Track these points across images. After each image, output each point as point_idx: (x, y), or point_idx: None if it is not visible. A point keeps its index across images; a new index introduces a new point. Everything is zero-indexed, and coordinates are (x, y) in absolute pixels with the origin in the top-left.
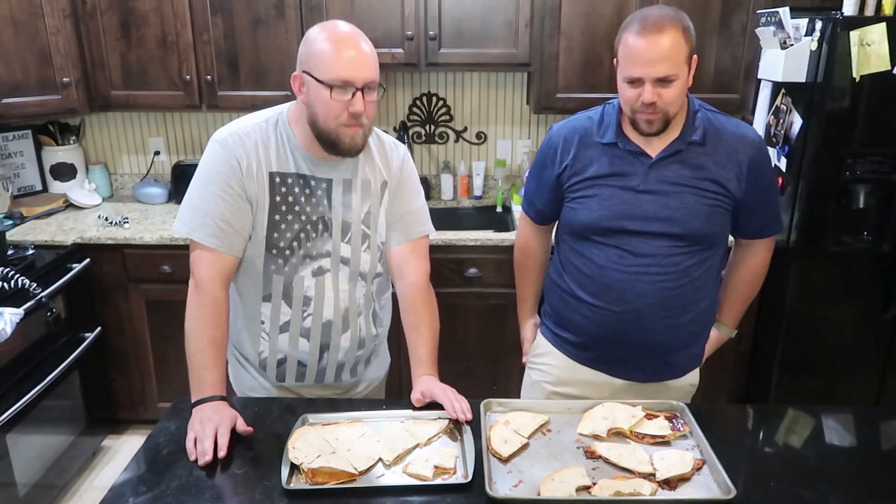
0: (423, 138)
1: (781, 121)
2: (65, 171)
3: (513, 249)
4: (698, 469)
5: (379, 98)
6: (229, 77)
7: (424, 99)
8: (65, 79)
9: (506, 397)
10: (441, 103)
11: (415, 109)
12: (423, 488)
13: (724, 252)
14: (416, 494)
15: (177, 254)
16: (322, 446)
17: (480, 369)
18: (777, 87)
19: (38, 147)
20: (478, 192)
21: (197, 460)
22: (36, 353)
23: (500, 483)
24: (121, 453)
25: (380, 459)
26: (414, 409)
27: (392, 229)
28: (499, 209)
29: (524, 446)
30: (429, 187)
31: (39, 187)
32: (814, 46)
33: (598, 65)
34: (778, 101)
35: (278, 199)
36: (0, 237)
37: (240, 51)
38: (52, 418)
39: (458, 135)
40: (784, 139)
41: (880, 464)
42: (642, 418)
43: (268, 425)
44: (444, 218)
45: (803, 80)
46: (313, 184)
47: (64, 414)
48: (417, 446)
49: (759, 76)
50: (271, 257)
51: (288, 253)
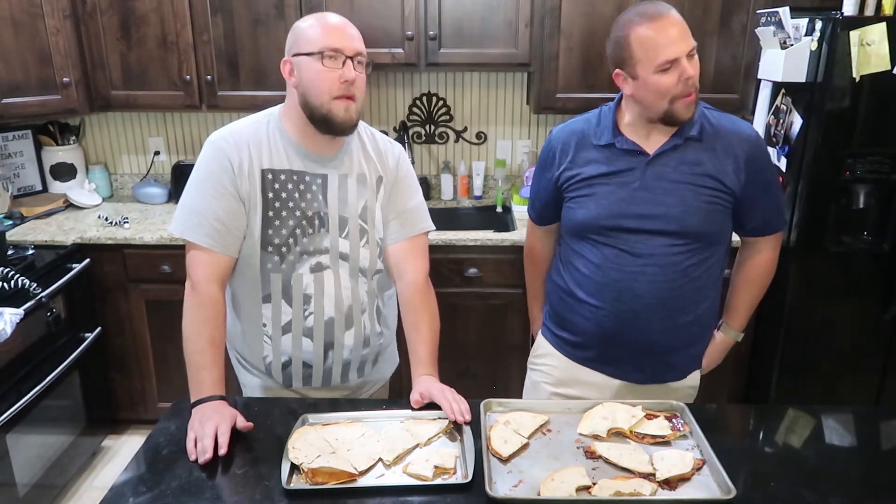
0: (423, 138)
1: (781, 121)
2: (65, 171)
3: (513, 249)
4: (698, 469)
5: (368, 73)
6: (229, 77)
7: (424, 99)
8: (65, 79)
9: (506, 397)
10: (441, 103)
11: (415, 109)
12: (423, 488)
13: (725, 253)
14: (416, 494)
15: (177, 254)
16: (322, 446)
17: (480, 369)
18: (777, 87)
19: (38, 147)
20: (478, 192)
21: (197, 460)
22: (36, 353)
23: (500, 483)
24: (121, 453)
25: (380, 459)
26: (413, 409)
27: (390, 227)
28: (499, 209)
29: (524, 446)
30: (429, 187)
31: (39, 187)
32: (814, 46)
33: (598, 65)
34: (778, 101)
35: (271, 195)
36: (0, 237)
37: (240, 51)
38: (52, 418)
39: (458, 135)
40: (784, 139)
41: (880, 464)
42: (642, 418)
43: (268, 425)
44: (444, 218)
45: (803, 80)
46: (308, 179)
47: (64, 414)
48: (417, 446)
49: (759, 76)
50: (267, 255)
51: (284, 250)
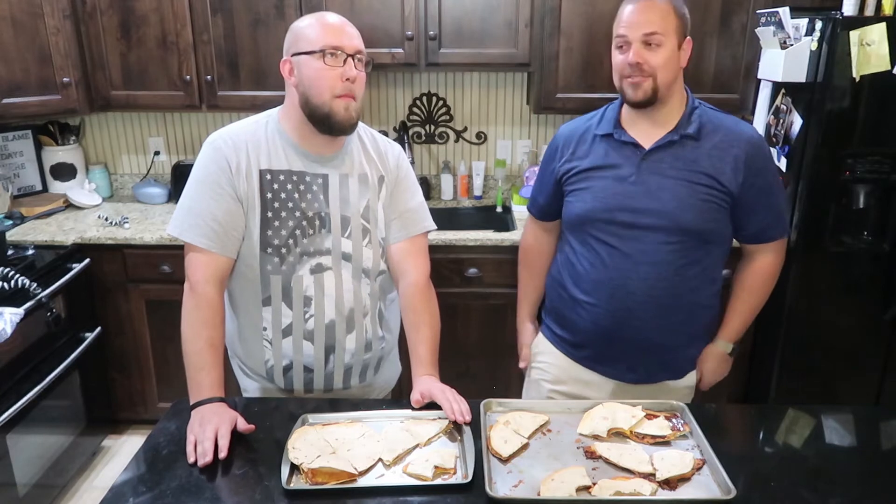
0: (423, 138)
1: (781, 121)
2: (65, 171)
3: (513, 249)
4: (698, 469)
5: (368, 71)
6: (229, 77)
7: (424, 99)
8: (65, 79)
9: (506, 397)
10: (441, 103)
11: (415, 109)
12: (423, 488)
13: (723, 254)
14: (416, 494)
15: (177, 254)
16: (322, 446)
17: (480, 369)
18: (777, 87)
19: (38, 147)
20: (478, 192)
21: (196, 462)
22: (36, 353)
23: (500, 483)
24: (121, 453)
25: (380, 459)
26: (413, 409)
27: (391, 227)
28: (499, 209)
29: (524, 446)
30: (429, 187)
31: (39, 187)
32: (814, 46)
33: (598, 65)
34: (778, 101)
35: (270, 196)
36: (0, 237)
37: (240, 51)
38: (52, 418)
39: (458, 135)
40: (784, 139)
41: (880, 464)
42: (642, 418)
43: (268, 425)
44: (444, 218)
45: (803, 80)
46: (308, 179)
47: (64, 414)
48: (417, 446)
49: (759, 76)
50: (267, 256)
51: (284, 251)
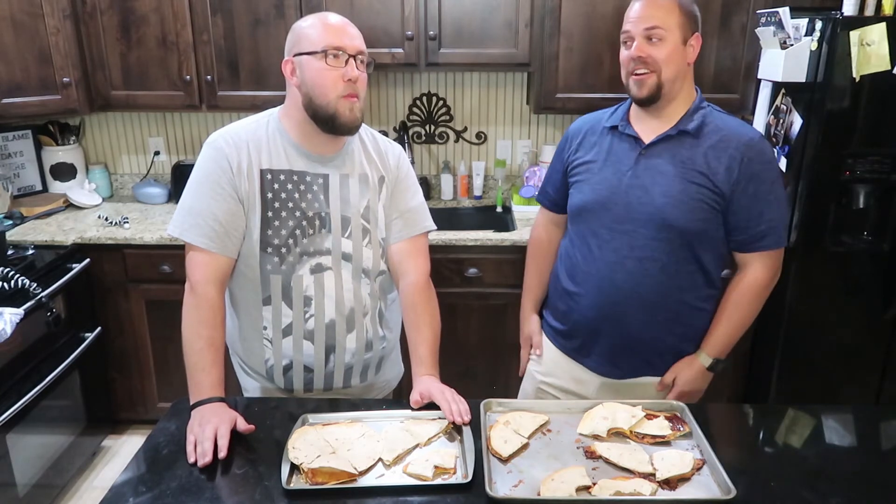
0: (423, 138)
1: (781, 121)
2: (65, 171)
3: (513, 249)
4: (698, 469)
5: (370, 72)
6: (229, 77)
7: (424, 99)
8: (65, 79)
9: (506, 397)
10: (441, 103)
11: (415, 109)
12: (423, 488)
13: (716, 258)
14: (416, 494)
15: (177, 254)
16: (322, 446)
17: (480, 369)
18: (777, 87)
19: (38, 147)
20: (478, 192)
21: (196, 463)
22: (36, 353)
23: (500, 483)
24: (121, 453)
25: (380, 459)
26: (413, 409)
27: (391, 228)
28: (499, 209)
29: (524, 446)
30: (429, 187)
31: (39, 187)
32: (814, 46)
33: (598, 65)
34: (778, 101)
35: (270, 195)
36: (0, 237)
37: (240, 51)
38: (52, 418)
39: (458, 135)
40: (784, 139)
41: (880, 464)
42: (642, 418)
43: (268, 426)
44: (444, 218)
45: (803, 80)
46: (308, 179)
47: (64, 414)
48: (417, 446)
49: (759, 76)
50: (267, 256)
51: (284, 251)
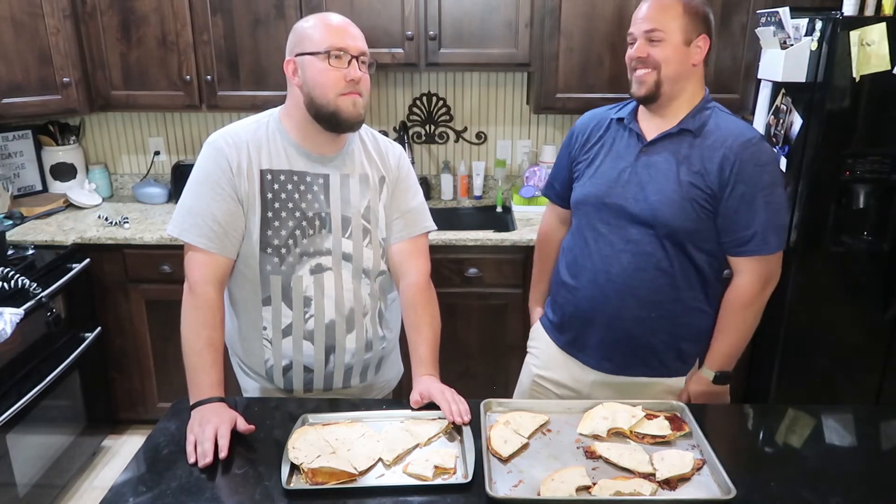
0: (423, 138)
1: (781, 121)
2: (65, 171)
3: (513, 249)
4: (698, 469)
5: (372, 73)
6: (229, 77)
7: (424, 99)
8: (65, 79)
9: (506, 397)
10: (441, 103)
11: (415, 109)
12: (423, 488)
13: (713, 260)
14: (416, 494)
15: (177, 254)
16: (322, 446)
17: (480, 369)
18: (777, 87)
19: (38, 147)
20: (478, 192)
21: (197, 463)
22: (36, 353)
23: (500, 483)
24: (121, 453)
25: (380, 459)
26: (413, 409)
27: (391, 228)
28: (499, 209)
29: (524, 446)
30: (429, 187)
31: (39, 187)
32: (814, 46)
33: (598, 65)
34: (778, 101)
35: (270, 196)
36: (0, 237)
37: (240, 51)
38: (52, 418)
39: (458, 135)
40: (784, 139)
41: (880, 464)
42: (642, 418)
43: (268, 426)
44: (444, 218)
45: (803, 80)
46: (308, 180)
47: (64, 414)
48: (417, 446)
49: (759, 76)
50: (267, 257)
51: (284, 251)
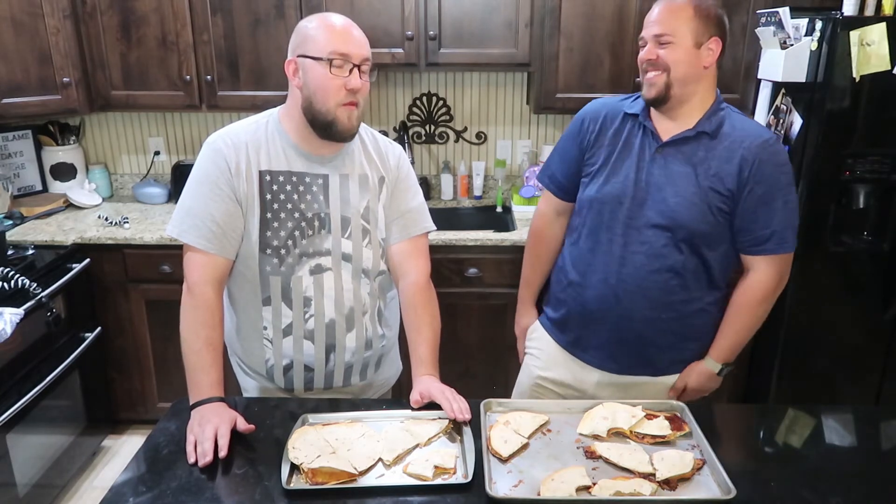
0: (423, 138)
1: (781, 121)
2: (65, 171)
3: (513, 249)
4: (698, 469)
5: (373, 80)
6: (229, 77)
7: (424, 99)
8: (65, 79)
9: (506, 397)
10: (441, 103)
11: (415, 109)
12: (423, 488)
13: (725, 261)
14: (416, 494)
15: (176, 254)
16: (322, 446)
17: (480, 369)
18: (777, 87)
19: (38, 147)
20: (478, 192)
21: (197, 462)
22: (36, 353)
23: (500, 483)
24: (121, 453)
25: (380, 459)
26: (413, 409)
27: (391, 228)
28: (499, 209)
29: (524, 446)
30: (429, 187)
31: (39, 187)
32: (814, 46)
33: (597, 65)
34: (778, 101)
35: (269, 197)
36: (0, 237)
37: (240, 51)
38: (52, 418)
39: (458, 135)
40: (784, 139)
41: (880, 464)
42: (642, 418)
43: (268, 425)
44: (444, 218)
45: (803, 80)
46: (308, 180)
47: (64, 414)
48: (417, 446)
49: (759, 76)
50: (266, 257)
51: (283, 252)
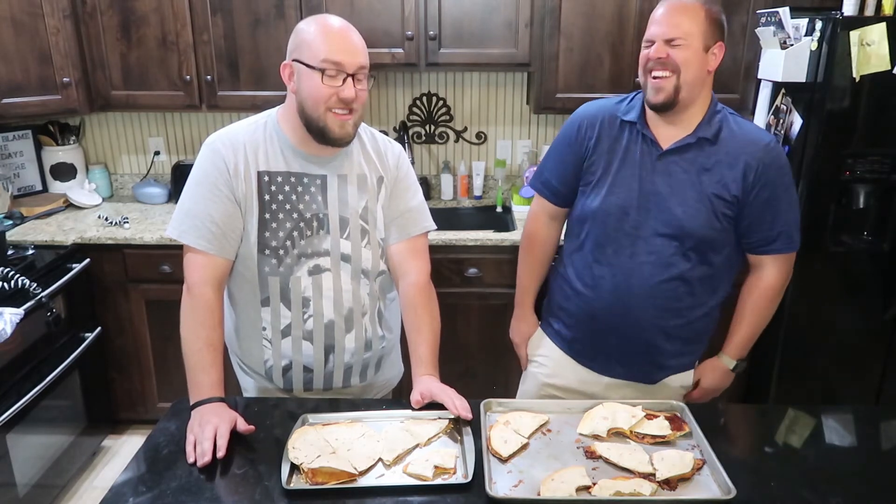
0: (423, 138)
1: (781, 121)
2: (65, 171)
3: (513, 249)
4: (698, 469)
5: (370, 87)
6: (229, 77)
7: (424, 99)
8: (65, 79)
9: (506, 397)
10: (441, 103)
11: (415, 109)
12: (423, 488)
13: (731, 264)
14: (416, 494)
15: (176, 254)
16: (322, 446)
17: (480, 369)
18: (777, 87)
19: (38, 147)
20: (478, 192)
21: (196, 462)
22: (36, 353)
23: (500, 483)
24: (121, 453)
25: (380, 459)
26: (413, 409)
27: (391, 228)
28: (499, 209)
29: (524, 446)
30: (429, 187)
31: (39, 187)
32: (814, 46)
33: (597, 65)
34: (778, 101)
35: (268, 197)
36: (0, 237)
37: (240, 51)
38: (52, 418)
39: (458, 135)
40: (784, 139)
41: (880, 464)
42: (642, 418)
43: (268, 425)
44: (444, 218)
45: (803, 80)
46: (306, 181)
47: (64, 414)
48: (417, 446)
49: (759, 76)
50: (265, 258)
51: (282, 253)
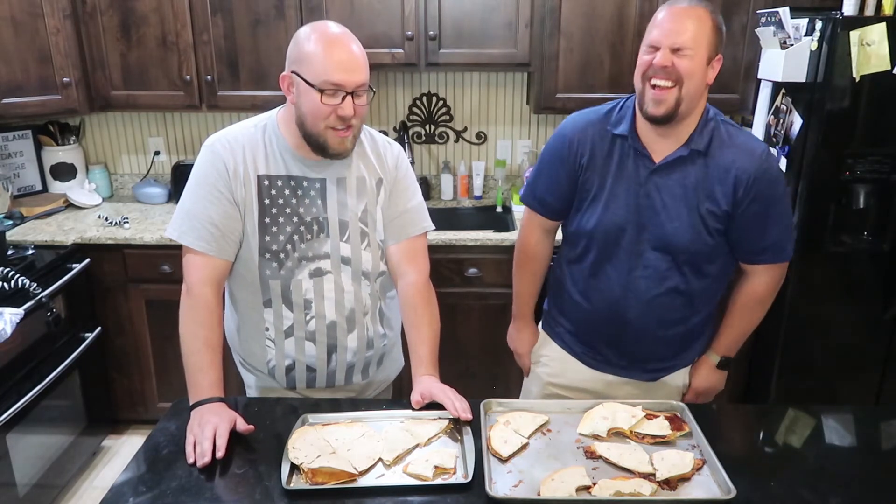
0: (423, 138)
1: (781, 121)
2: (65, 171)
3: (513, 249)
4: (698, 469)
5: (369, 101)
6: (229, 77)
7: (424, 99)
8: (65, 79)
9: (506, 397)
10: (441, 103)
11: (415, 109)
12: (423, 488)
13: (725, 271)
14: (416, 494)
15: (176, 254)
16: (322, 446)
17: (480, 369)
18: (777, 87)
19: (38, 147)
20: (478, 192)
21: (196, 462)
22: (36, 353)
23: (500, 483)
24: (121, 453)
25: (380, 459)
26: (414, 410)
27: (390, 228)
28: (499, 209)
29: (524, 446)
30: (429, 187)
31: (39, 187)
32: (814, 46)
33: (597, 65)
34: (778, 101)
35: (268, 202)
36: (0, 237)
37: (240, 51)
38: (52, 418)
39: (458, 135)
40: (784, 139)
41: (880, 464)
42: (642, 418)
43: (268, 425)
44: (444, 218)
45: (803, 80)
46: (305, 185)
47: (64, 414)
48: (417, 446)
49: (759, 76)
50: (265, 261)
51: (282, 256)
